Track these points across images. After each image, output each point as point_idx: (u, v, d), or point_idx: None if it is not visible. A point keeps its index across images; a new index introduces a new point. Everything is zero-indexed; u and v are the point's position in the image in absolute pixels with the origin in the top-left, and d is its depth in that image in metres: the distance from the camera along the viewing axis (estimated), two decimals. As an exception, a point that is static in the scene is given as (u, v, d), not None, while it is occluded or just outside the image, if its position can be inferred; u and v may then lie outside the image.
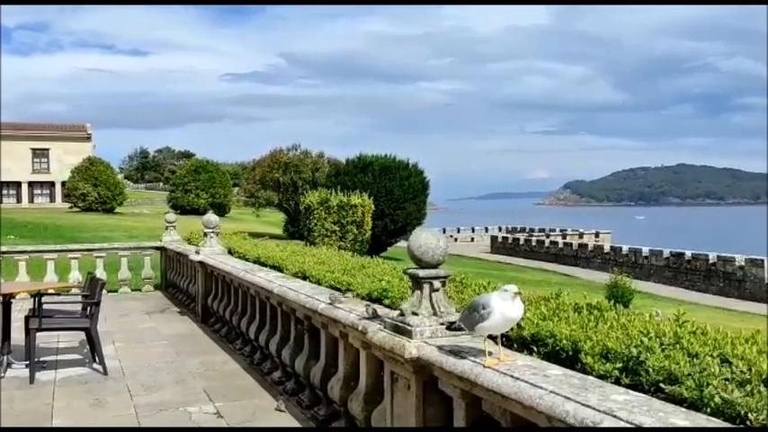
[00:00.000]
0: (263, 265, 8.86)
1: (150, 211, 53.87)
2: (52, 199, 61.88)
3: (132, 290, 14.85)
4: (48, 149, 63.04)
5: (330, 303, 5.48)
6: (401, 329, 4.23)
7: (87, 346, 8.33)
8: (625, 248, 39.97)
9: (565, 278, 35.86)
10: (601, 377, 3.30)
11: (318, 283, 6.78)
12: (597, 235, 52.86)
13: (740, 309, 26.82)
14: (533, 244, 48.38)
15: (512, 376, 3.29)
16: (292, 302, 6.42)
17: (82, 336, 8.53)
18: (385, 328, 4.45)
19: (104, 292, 13.99)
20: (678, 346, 3.46)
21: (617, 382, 3.27)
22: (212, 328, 10.21)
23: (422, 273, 4.20)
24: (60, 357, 8.49)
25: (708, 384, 2.92)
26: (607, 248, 41.95)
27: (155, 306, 12.79)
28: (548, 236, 51.40)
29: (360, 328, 4.89)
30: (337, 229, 26.49)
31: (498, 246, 51.23)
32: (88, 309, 8.18)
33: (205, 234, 10.99)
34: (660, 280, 35.67)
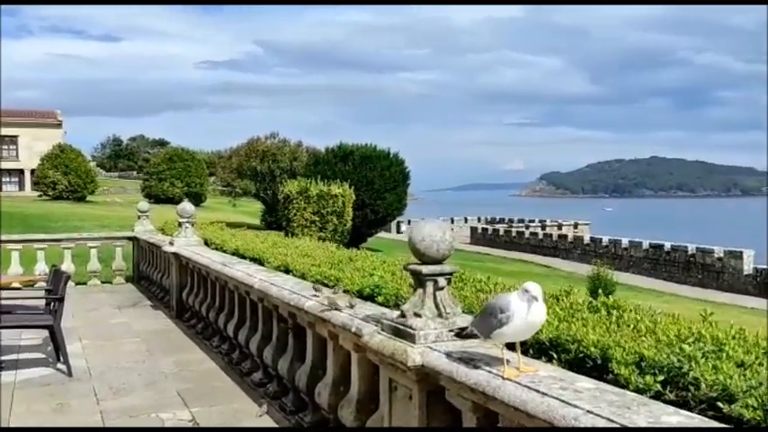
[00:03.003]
0: (243, 257, 8.32)
1: (123, 200, 52.59)
2: (21, 187, 60.06)
3: (102, 282, 14.17)
4: (16, 136, 61.12)
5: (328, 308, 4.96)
6: (402, 333, 3.76)
7: (52, 344, 7.72)
8: (605, 239, 40.01)
9: (545, 269, 35.77)
10: (638, 391, 2.87)
11: (303, 277, 6.28)
12: (576, 226, 52.97)
13: (719, 300, 26.91)
14: (513, 235, 48.27)
15: (538, 391, 2.84)
16: (275, 299, 5.91)
17: (47, 333, 7.91)
18: (383, 330, 3.97)
19: (72, 284, 13.40)
20: (722, 353, 3.05)
21: (656, 396, 2.84)
22: (187, 323, 9.65)
23: (425, 269, 3.73)
24: (22, 356, 7.87)
25: (772, 402, 2.51)
26: (587, 239, 41.97)
27: (126, 300, 12.15)
28: (527, 227, 51.36)
29: (353, 329, 4.41)
30: (317, 219, 25.89)
31: (478, 237, 51.05)
32: (51, 304, 7.57)
33: (180, 224, 10.39)
34: (639, 271, 35.77)
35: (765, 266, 30.93)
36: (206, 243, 10.21)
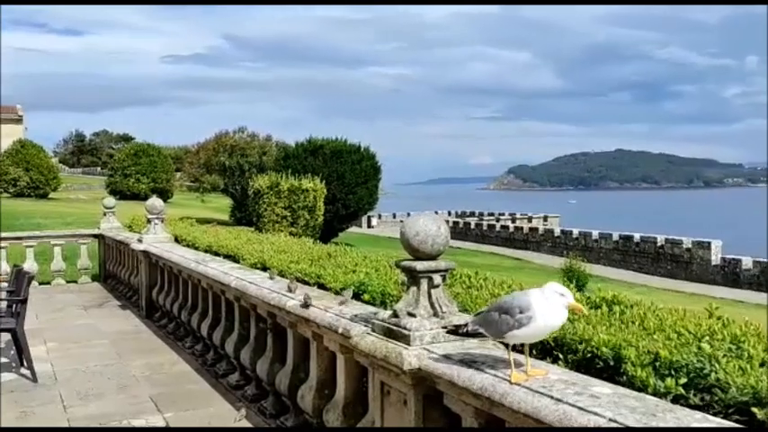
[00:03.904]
0: (216, 254, 7.98)
1: (87, 196, 51.20)
2: (-21, 184, 58.06)
3: (67, 281, 13.58)
4: (-26, 132, 59.07)
5: (304, 305, 4.68)
6: (396, 334, 3.51)
7: (15, 349, 7.29)
8: (575, 232, 40.35)
9: (517, 262, 35.94)
10: (656, 394, 2.68)
11: (282, 275, 5.98)
12: (546, 219, 53.41)
13: (688, 290, 27.36)
14: (484, 228, 48.43)
15: (551, 397, 2.62)
16: (254, 298, 5.61)
17: (9, 336, 7.46)
18: (373, 331, 3.72)
19: (35, 284, 12.82)
20: (742, 351, 2.88)
21: (676, 400, 2.65)
22: (158, 323, 9.26)
23: (420, 265, 3.49)
24: (-19, 362, 7.41)
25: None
26: (557, 232, 42.31)
27: (92, 300, 11.65)
28: (498, 220, 51.59)
29: (340, 330, 4.15)
30: (288, 214, 25.44)
31: (449, 230, 50.70)
32: (13, 306, 7.13)
33: (149, 220, 9.97)
34: (610, 263, 36.17)
35: (732, 257, 31.58)
36: (176, 240, 9.82)
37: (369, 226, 53.57)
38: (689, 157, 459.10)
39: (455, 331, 3.24)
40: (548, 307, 2.68)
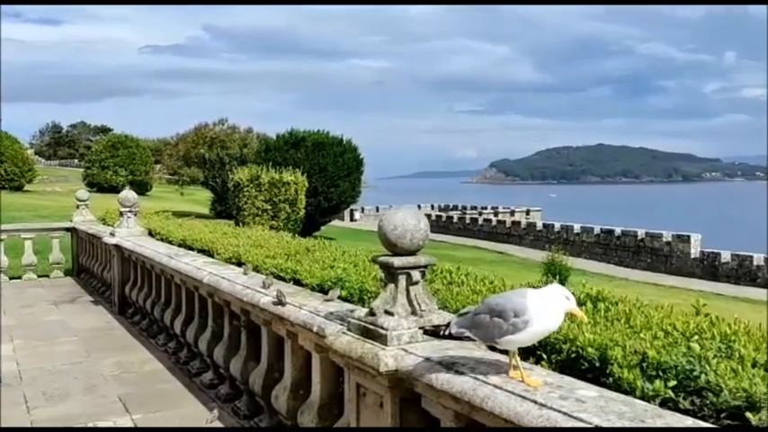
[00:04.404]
0: (190, 248, 7.74)
1: (63, 189, 50.24)
2: (-48, 176, 56.74)
3: (39, 276, 13.22)
4: (-54, 123, 57.67)
5: (277, 302, 4.48)
6: (372, 333, 3.34)
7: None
8: (557, 225, 40.45)
9: (499, 256, 35.95)
10: (644, 398, 2.53)
11: (257, 270, 5.77)
12: (528, 212, 53.53)
13: (668, 284, 27.53)
14: (467, 222, 48.40)
15: (534, 401, 2.47)
16: (227, 294, 5.40)
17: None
18: (349, 329, 3.55)
19: (5, 279, 12.46)
20: (732, 351, 2.74)
21: (665, 403, 2.50)
22: (131, 320, 9.00)
23: (397, 261, 3.31)
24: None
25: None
26: (539, 226, 42.38)
27: (64, 295, 11.32)
28: (480, 213, 51.59)
29: (315, 329, 3.96)
30: (269, 207, 25.11)
31: (432, 223, 50.20)
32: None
33: (121, 214, 9.68)
34: (591, 256, 36.30)
35: (711, 250, 31.87)
36: (150, 234, 9.54)
37: (351, 219, 53.31)
38: (668, 152, 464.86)
39: (435, 333, 3.06)
40: (545, 310, 2.50)
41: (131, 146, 52.50)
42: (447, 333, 2.84)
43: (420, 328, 3.27)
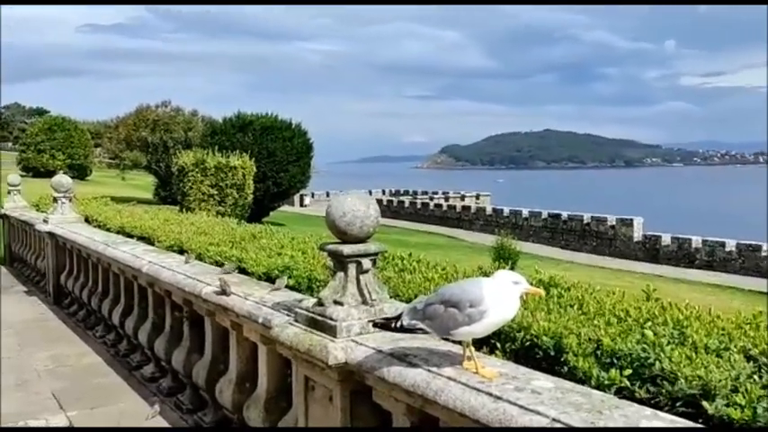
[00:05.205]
0: (129, 235, 7.39)
1: (-4, 173, 47.94)
2: None
3: (-33, 266, 12.49)
4: None
5: (221, 292, 4.27)
6: (320, 324, 3.18)
7: None
8: (506, 210, 41.09)
9: (450, 240, 36.23)
10: (600, 387, 2.47)
11: (200, 258, 5.52)
12: (478, 197, 54.12)
13: (613, 266, 28.34)
14: (418, 207, 48.62)
15: (489, 394, 2.37)
16: (167, 284, 5.14)
17: None
18: (296, 321, 3.38)
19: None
20: (686, 338, 2.71)
21: (619, 392, 2.44)
22: (67, 311, 8.58)
23: (347, 249, 3.16)
24: None
25: (759, 399, 2.17)
26: (489, 211, 42.96)
27: (-5, 285, 10.72)
28: (431, 199, 51.89)
29: (260, 320, 3.78)
30: (215, 192, 24.53)
31: (383, 209, 49.87)
32: None
33: (55, 200, 9.18)
34: (539, 240, 37.00)
35: (653, 233, 32.91)
36: (87, 220, 9.09)
37: (301, 205, 52.78)
38: (612, 138, 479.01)
39: (387, 326, 2.91)
40: (501, 299, 2.39)
41: (69, 128, 50.31)
42: (398, 326, 2.69)
43: (370, 322, 3.12)
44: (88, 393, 5.66)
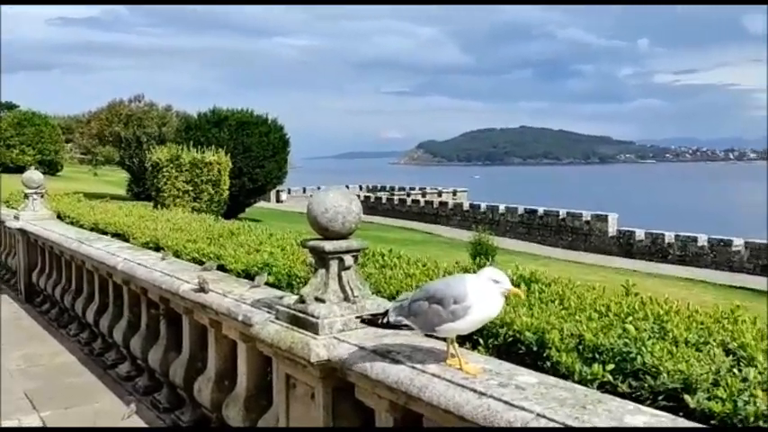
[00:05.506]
0: (103, 232, 7.25)
1: (-36, 169, 46.81)
2: None
3: (-66, 264, 12.15)
4: None
5: (200, 289, 4.21)
6: (302, 322, 3.15)
7: None
8: (483, 206, 41.38)
9: (427, 236, 36.35)
10: (583, 382, 2.48)
11: (178, 255, 5.44)
12: (455, 193, 54.41)
13: (588, 261, 28.68)
14: (395, 202, 48.70)
15: (474, 390, 2.36)
16: (144, 281, 5.05)
17: None
18: (278, 318, 3.34)
19: None
20: (666, 332, 2.73)
21: (602, 387, 2.46)
22: (39, 309, 8.40)
23: (329, 245, 3.13)
24: None
25: (739, 392, 2.19)
26: (466, 206, 43.19)
27: (-37, 284, 10.46)
28: (408, 194, 52.00)
29: (240, 317, 3.73)
30: (191, 188, 24.24)
31: (361, 206, 50.33)
32: None
33: (26, 196, 8.98)
34: (516, 236, 37.33)
35: (627, 229, 33.42)
36: (59, 217, 8.91)
37: (278, 201, 52.47)
38: (586, 134, 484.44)
39: (373, 322, 2.89)
40: (485, 296, 2.39)
41: (39, 123, 49.17)
42: (385, 321, 2.69)
43: (357, 317, 3.10)
44: (62, 393, 5.55)
